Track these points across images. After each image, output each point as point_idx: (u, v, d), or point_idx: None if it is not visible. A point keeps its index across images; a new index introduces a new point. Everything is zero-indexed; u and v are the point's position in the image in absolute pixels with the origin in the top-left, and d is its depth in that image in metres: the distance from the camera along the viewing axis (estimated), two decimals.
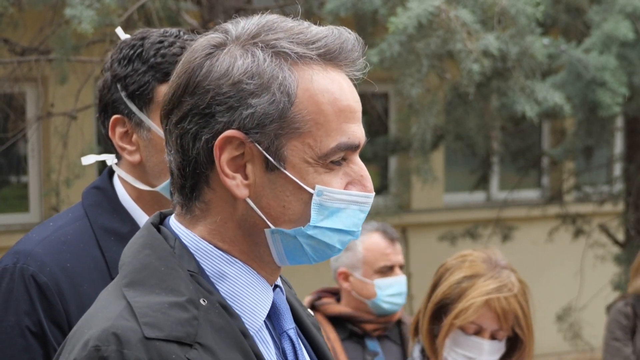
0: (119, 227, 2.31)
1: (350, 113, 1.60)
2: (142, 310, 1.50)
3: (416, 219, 9.80)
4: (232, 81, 1.56)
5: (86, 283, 2.24)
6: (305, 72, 1.58)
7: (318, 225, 1.59)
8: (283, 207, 1.58)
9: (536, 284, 10.52)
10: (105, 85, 2.33)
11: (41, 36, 6.40)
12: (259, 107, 1.55)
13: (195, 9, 7.06)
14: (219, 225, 1.61)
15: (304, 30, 1.60)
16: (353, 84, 1.65)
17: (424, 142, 6.04)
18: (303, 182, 1.58)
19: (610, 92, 6.03)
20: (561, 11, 7.07)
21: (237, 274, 1.61)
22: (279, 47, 1.58)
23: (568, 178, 10.05)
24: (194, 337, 1.50)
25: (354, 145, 1.60)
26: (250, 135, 1.56)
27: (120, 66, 2.30)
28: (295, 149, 1.57)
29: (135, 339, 1.47)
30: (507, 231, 9.05)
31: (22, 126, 7.45)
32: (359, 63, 1.64)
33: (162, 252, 1.59)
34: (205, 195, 1.61)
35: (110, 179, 2.39)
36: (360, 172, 1.63)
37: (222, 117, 1.56)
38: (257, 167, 1.58)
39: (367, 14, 5.92)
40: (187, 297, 1.53)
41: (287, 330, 1.68)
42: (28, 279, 2.21)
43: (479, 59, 5.10)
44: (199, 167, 1.59)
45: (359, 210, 1.63)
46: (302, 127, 1.57)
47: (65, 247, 2.27)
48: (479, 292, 2.96)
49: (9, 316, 2.21)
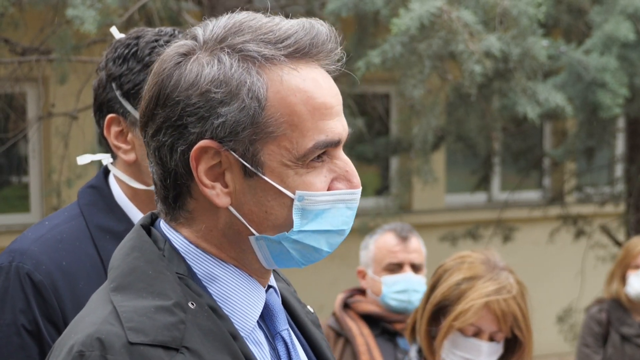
0: (114, 226, 2.31)
1: (326, 109, 1.57)
2: (127, 314, 1.49)
3: (417, 220, 9.78)
4: (200, 91, 1.53)
5: (82, 281, 2.24)
6: (274, 73, 1.54)
7: (303, 230, 1.57)
8: (265, 213, 1.56)
9: (537, 284, 10.52)
10: (101, 85, 2.33)
11: (42, 36, 6.40)
12: (230, 115, 1.53)
13: (197, 9, 7.05)
14: (205, 232, 1.59)
15: (273, 28, 1.56)
16: (333, 77, 1.61)
17: (426, 143, 6.03)
18: (283, 186, 1.55)
19: (611, 94, 6.01)
20: (563, 12, 7.05)
21: (227, 276, 1.60)
22: (245, 51, 1.54)
23: (569, 179, 10.04)
24: (181, 341, 1.48)
25: (333, 142, 1.57)
26: (224, 143, 1.54)
27: (115, 65, 2.30)
28: (272, 153, 1.54)
29: (119, 344, 1.45)
30: (508, 232, 9.04)
31: (22, 126, 7.45)
32: (335, 55, 1.60)
33: (150, 255, 1.58)
34: (189, 204, 1.59)
35: (106, 178, 2.40)
36: (345, 167, 1.60)
37: (194, 128, 1.54)
38: (235, 174, 1.56)
39: (369, 15, 5.91)
40: (174, 301, 1.51)
41: (281, 331, 1.67)
42: (24, 278, 2.21)
43: (481, 60, 5.09)
44: (179, 178, 1.57)
45: (346, 207, 1.60)
46: (276, 130, 1.54)
47: (61, 245, 2.27)
48: (478, 294, 2.95)
49: (5, 314, 2.21)
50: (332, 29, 1.59)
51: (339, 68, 1.62)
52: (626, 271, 6.01)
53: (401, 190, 7.75)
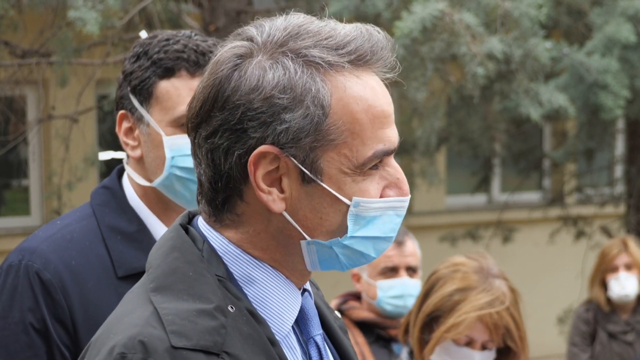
0: (126, 227, 2.31)
1: (384, 118, 1.55)
2: (169, 317, 1.47)
3: (418, 222, 9.79)
4: (263, 96, 1.50)
5: (91, 281, 2.24)
6: (337, 80, 1.53)
7: (355, 235, 1.56)
8: (320, 219, 1.55)
9: (537, 286, 10.54)
10: (119, 82, 2.36)
11: (42, 38, 6.39)
12: (294, 122, 1.50)
13: (197, 11, 7.05)
14: (252, 235, 1.57)
15: (332, 34, 1.54)
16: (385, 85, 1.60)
17: (429, 145, 6.04)
18: (341, 193, 1.53)
19: (612, 95, 6.02)
20: (562, 13, 7.06)
21: (265, 278, 1.58)
22: (309, 57, 1.52)
23: (569, 180, 10.04)
24: (222, 346, 1.47)
25: (390, 150, 1.56)
26: (285, 149, 1.51)
27: (129, 63, 2.33)
28: (331, 160, 1.52)
29: (162, 348, 1.44)
30: (508, 233, 9.04)
31: (22, 129, 7.44)
32: (390, 63, 1.59)
33: (190, 256, 1.55)
34: (238, 208, 1.56)
35: (119, 179, 2.40)
36: (396, 174, 1.58)
37: (255, 133, 1.51)
38: (293, 180, 1.53)
39: (370, 17, 5.91)
40: (215, 304, 1.50)
41: (314, 336, 1.65)
42: (32, 276, 2.22)
43: (484, 62, 5.09)
44: (232, 182, 1.54)
45: (396, 215, 1.59)
46: (338, 138, 1.52)
47: (70, 244, 2.27)
48: (471, 306, 2.94)
49: (13, 313, 2.22)
50: (388, 37, 1.58)
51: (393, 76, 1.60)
52: (605, 276, 6.08)
53: None
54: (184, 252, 1.56)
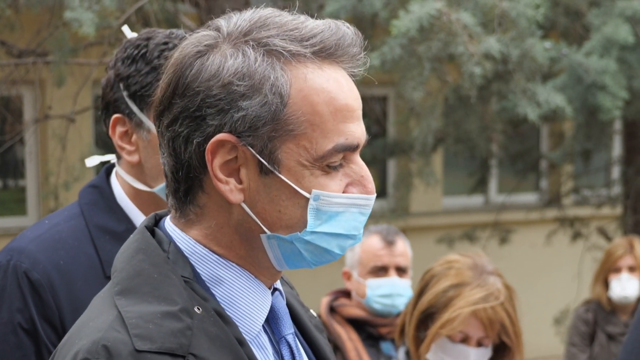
0: (114, 226, 2.30)
1: (348, 112, 1.53)
2: (133, 320, 1.45)
3: (415, 222, 9.78)
4: (222, 83, 1.49)
5: (80, 281, 2.23)
6: (299, 70, 1.51)
7: (315, 231, 1.53)
8: (279, 212, 1.53)
9: (534, 287, 10.54)
10: (109, 84, 2.32)
11: (38, 38, 6.38)
12: (251, 109, 1.49)
13: (193, 11, 7.05)
14: (215, 230, 1.56)
15: (299, 26, 1.53)
16: (353, 81, 1.57)
17: (426, 145, 6.03)
18: (299, 186, 1.51)
19: (611, 96, 6.02)
20: (560, 14, 7.06)
21: (233, 278, 1.56)
22: (271, 45, 1.51)
23: (566, 181, 10.05)
24: (188, 348, 1.45)
25: (352, 145, 1.54)
26: (242, 138, 1.50)
27: (123, 65, 2.29)
28: (290, 151, 1.50)
29: (126, 352, 1.42)
30: (505, 234, 9.04)
31: (19, 129, 7.42)
32: (359, 59, 1.57)
33: (155, 258, 1.54)
34: (200, 199, 1.55)
35: (108, 178, 2.39)
36: (360, 172, 1.56)
37: (213, 120, 1.50)
38: (251, 171, 1.52)
39: (367, 17, 5.91)
40: (180, 306, 1.48)
41: (286, 335, 1.64)
42: (21, 276, 2.21)
43: (481, 62, 5.09)
44: (192, 171, 1.53)
45: (359, 213, 1.56)
46: (297, 128, 1.50)
47: (59, 244, 2.26)
48: (465, 301, 2.94)
49: (2, 313, 2.21)
50: (358, 33, 1.57)
51: (362, 72, 1.58)
52: (608, 275, 6.09)
53: (399, 193, 7.75)
54: (149, 254, 1.55)
